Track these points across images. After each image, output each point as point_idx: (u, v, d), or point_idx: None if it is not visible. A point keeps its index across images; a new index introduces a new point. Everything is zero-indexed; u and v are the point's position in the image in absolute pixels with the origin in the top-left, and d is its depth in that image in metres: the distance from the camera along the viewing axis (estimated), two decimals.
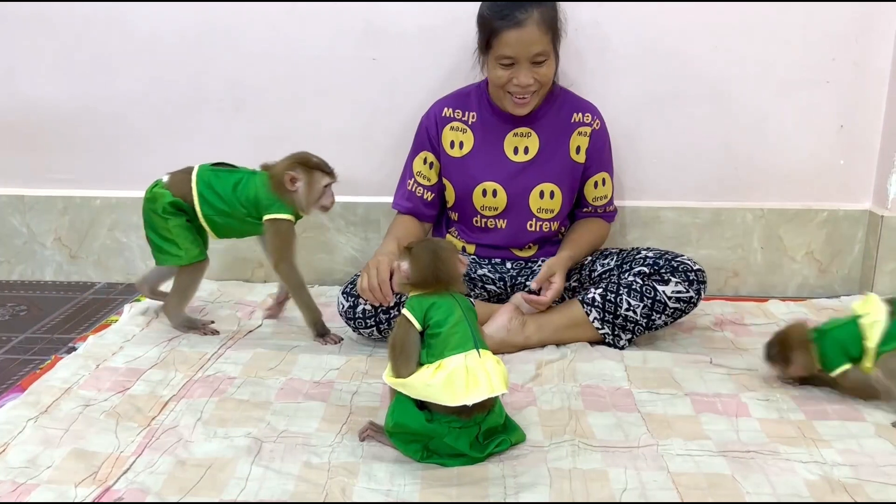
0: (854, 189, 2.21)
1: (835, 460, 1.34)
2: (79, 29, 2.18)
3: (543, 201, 1.92)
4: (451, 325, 1.31)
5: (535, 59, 1.75)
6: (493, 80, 1.81)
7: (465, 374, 1.27)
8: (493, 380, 1.28)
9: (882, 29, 2.09)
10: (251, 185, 1.81)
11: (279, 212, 1.80)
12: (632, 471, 1.30)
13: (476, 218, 1.95)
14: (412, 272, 1.37)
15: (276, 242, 1.81)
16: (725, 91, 2.14)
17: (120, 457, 1.33)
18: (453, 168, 1.94)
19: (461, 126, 1.93)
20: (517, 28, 1.72)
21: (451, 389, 1.27)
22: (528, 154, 1.91)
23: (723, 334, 1.91)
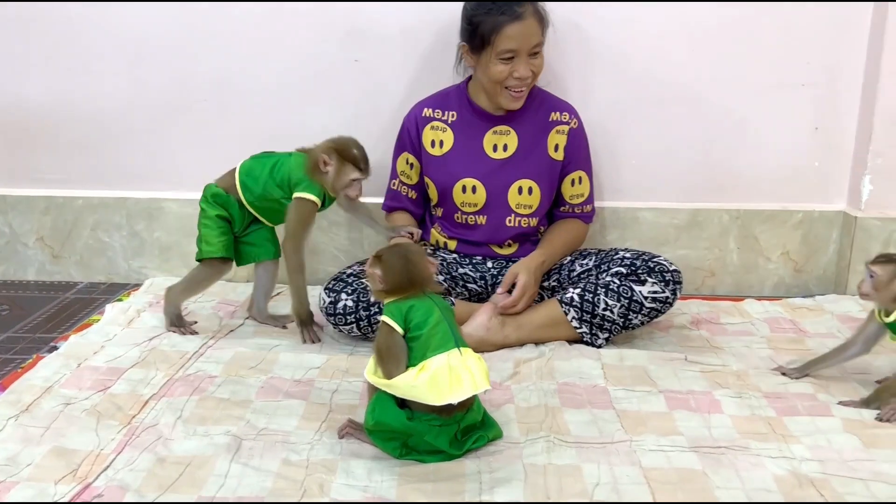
0: (828, 190, 2.25)
1: (803, 455, 1.37)
2: (63, 29, 2.19)
3: (522, 197, 1.95)
4: (431, 326, 1.33)
5: (533, 50, 1.83)
6: (493, 77, 1.85)
7: (449, 373, 1.29)
8: (476, 377, 1.31)
9: (855, 34, 2.12)
10: (286, 166, 1.81)
11: (306, 191, 1.78)
12: (605, 466, 1.33)
13: (457, 214, 1.98)
14: (385, 279, 1.38)
15: (293, 219, 1.79)
16: (703, 94, 2.17)
17: (100, 454, 1.35)
18: (434, 166, 1.97)
19: (441, 125, 1.97)
20: (519, 21, 1.80)
21: (436, 389, 1.29)
22: (507, 151, 1.94)
23: (699, 333, 1.94)
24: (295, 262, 1.81)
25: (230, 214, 1.86)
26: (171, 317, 1.90)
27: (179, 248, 2.31)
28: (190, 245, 2.27)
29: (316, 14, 2.15)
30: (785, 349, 1.83)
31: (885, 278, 1.52)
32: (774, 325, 1.99)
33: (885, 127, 2.12)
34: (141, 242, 2.32)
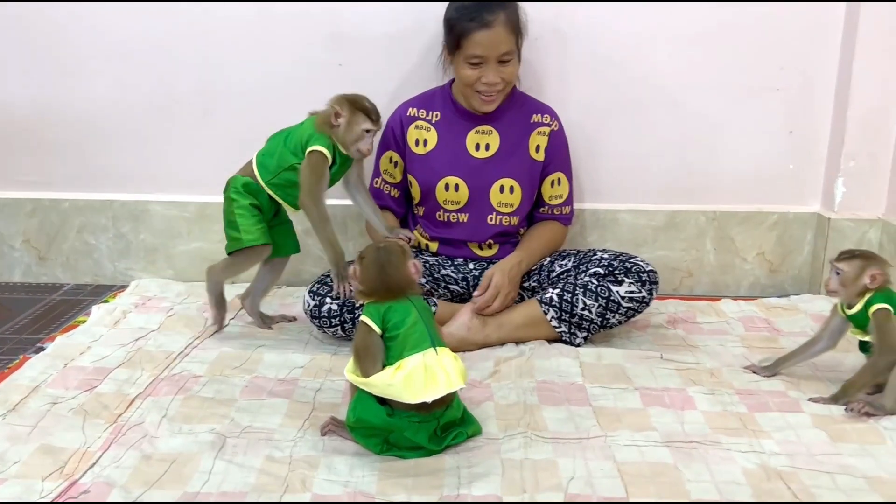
0: (803, 192, 2.30)
1: (773, 450, 1.41)
2: (48, 32, 2.21)
3: (503, 196, 1.98)
4: (408, 327, 1.37)
5: (501, 58, 1.86)
6: (462, 80, 1.90)
7: (424, 372, 1.33)
8: (451, 376, 1.34)
9: (828, 39, 2.18)
10: (297, 132, 1.81)
11: (315, 143, 1.75)
12: (580, 460, 1.37)
13: (439, 212, 2.01)
14: (362, 282, 1.42)
15: (305, 173, 1.76)
16: (680, 98, 2.22)
17: (87, 452, 1.37)
18: (417, 164, 2.01)
19: (425, 125, 2.01)
20: (486, 29, 1.83)
21: (411, 387, 1.32)
22: (490, 150, 1.98)
23: (675, 332, 1.98)
24: (318, 214, 1.75)
25: (260, 202, 1.84)
26: (215, 296, 1.92)
27: (165, 249, 2.33)
28: (175, 246, 2.32)
29: (300, 18, 2.18)
30: (758, 348, 1.88)
31: (851, 274, 1.58)
32: (749, 325, 2.03)
33: (858, 131, 2.17)
34: (127, 244, 2.34)
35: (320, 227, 1.76)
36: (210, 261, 2.30)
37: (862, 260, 1.58)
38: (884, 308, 1.55)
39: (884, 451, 1.42)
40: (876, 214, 2.23)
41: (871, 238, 2.21)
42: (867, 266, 1.57)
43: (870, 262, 1.58)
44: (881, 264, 1.59)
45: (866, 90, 2.15)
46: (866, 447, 1.43)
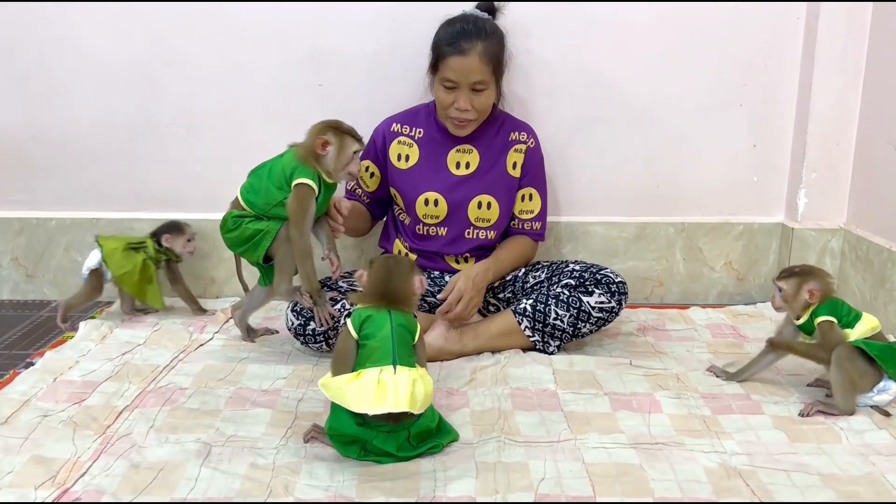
0: (767, 204, 2.39)
1: (734, 450, 1.49)
2: (34, 56, 2.27)
3: (481, 211, 2.05)
4: (377, 339, 1.44)
5: (474, 86, 1.92)
6: (437, 101, 1.99)
7: (376, 386, 1.39)
8: (399, 397, 1.38)
9: (789, 56, 2.28)
10: (279, 165, 1.80)
11: (301, 176, 1.75)
12: (550, 462, 1.43)
13: (419, 226, 2.07)
14: (366, 285, 1.52)
15: (293, 206, 1.76)
16: (648, 114, 2.31)
17: (77, 462, 1.43)
18: (399, 178, 2.07)
19: (408, 141, 2.07)
20: (460, 56, 1.89)
21: (360, 398, 1.39)
22: (469, 168, 2.05)
23: (644, 339, 2.06)
24: (302, 247, 1.77)
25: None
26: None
27: None
28: None
29: (280, 39, 2.25)
30: (724, 353, 1.96)
31: (790, 291, 1.69)
32: (716, 331, 2.11)
33: (818, 144, 2.27)
34: None
35: (302, 260, 1.78)
36: (196, 277, 2.38)
37: (799, 277, 1.69)
38: (827, 320, 1.65)
39: (839, 449, 1.49)
40: (838, 224, 2.32)
41: (834, 247, 2.30)
42: (804, 282, 1.68)
43: (807, 278, 1.69)
44: (819, 279, 1.69)
45: (826, 105, 2.24)
46: (822, 446, 1.50)
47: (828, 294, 1.68)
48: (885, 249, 2.09)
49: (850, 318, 1.66)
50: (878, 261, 2.11)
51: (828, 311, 1.65)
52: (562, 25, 2.24)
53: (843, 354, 1.61)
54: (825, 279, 1.70)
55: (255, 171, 1.86)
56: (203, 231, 2.36)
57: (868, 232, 2.20)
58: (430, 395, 1.45)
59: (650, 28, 2.24)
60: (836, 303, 1.68)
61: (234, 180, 2.31)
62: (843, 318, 1.66)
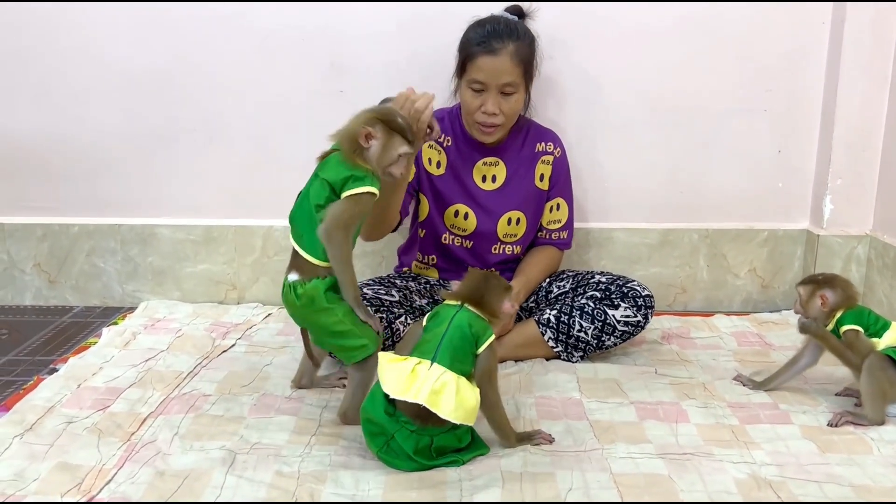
0: (792, 210, 2.37)
1: (763, 460, 1.47)
2: (57, 64, 2.28)
3: (510, 227, 2.03)
4: (432, 333, 1.44)
5: (503, 88, 1.87)
6: (464, 105, 1.93)
7: (409, 374, 1.39)
8: (422, 391, 1.36)
9: (813, 61, 2.25)
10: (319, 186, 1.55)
11: (362, 185, 1.50)
12: (577, 472, 1.42)
13: (445, 235, 2.04)
14: (834, 296, 1.63)
15: (346, 211, 1.51)
16: (671, 120, 2.29)
17: (102, 469, 1.42)
18: (429, 184, 2.02)
19: (437, 146, 2.01)
20: (491, 55, 1.84)
21: (391, 380, 1.40)
22: (496, 182, 2.01)
23: (669, 347, 2.04)
24: (346, 253, 1.54)
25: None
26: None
27: (172, 272, 2.39)
28: (182, 269, 2.38)
29: (301, 47, 2.25)
30: (750, 361, 1.94)
31: (804, 297, 1.69)
32: (741, 339, 2.09)
33: (844, 150, 2.24)
34: (135, 267, 2.40)
35: (344, 267, 1.54)
36: (216, 282, 2.38)
37: (815, 284, 1.69)
38: (852, 329, 1.63)
39: (871, 460, 1.47)
40: (864, 231, 2.29)
41: (860, 254, 2.27)
42: (818, 288, 1.67)
43: (822, 286, 1.67)
44: (834, 287, 1.67)
45: (851, 110, 2.21)
46: (853, 457, 1.48)
47: (849, 303, 1.66)
48: None
49: (878, 328, 1.63)
50: None
51: (853, 320, 1.63)
52: (586, 31, 2.22)
53: (875, 363, 1.59)
54: (842, 288, 1.67)
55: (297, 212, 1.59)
56: (223, 238, 2.36)
57: (895, 239, 2.17)
58: (466, 407, 1.39)
59: (674, 33, 2.23)
60: (863, 312, 1.66)
61: (256, 188, 2.35)
62: (871, 328, 1.63)
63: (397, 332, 1.87)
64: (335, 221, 1.51)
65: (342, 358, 1.61)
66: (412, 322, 1.90)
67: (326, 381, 1.80)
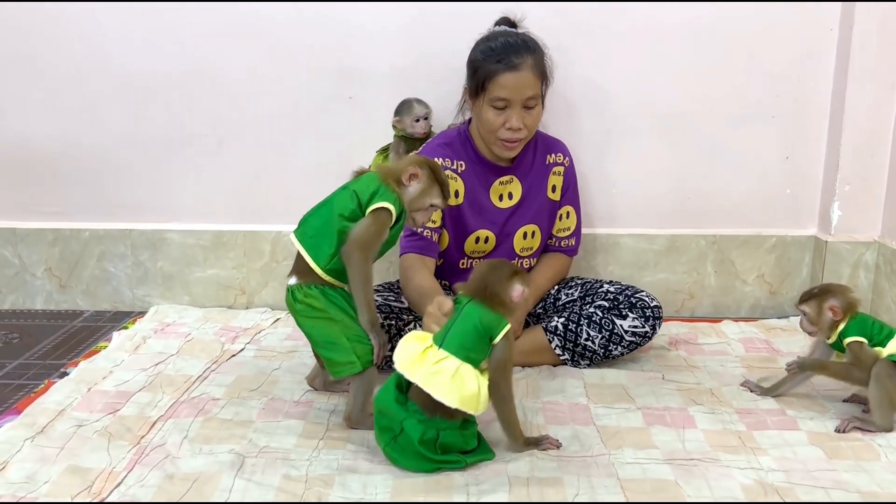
0: (800, 216, 2.36)
1: (770, 466, 1.47)
2: (67, 70, 2.30)
3: (526, 241, 2.03)
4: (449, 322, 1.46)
5: (526, 102, 1.85)
6: (486, 124, 1.88)
7: (419, 354, 1.43)
8: (418, 370, 1.40)
9: (821, 68, 2.25)
10: (345, 196, 1.57)
11: (382, 199, 1.54)
12: (584, 478, 1.42)
13: (463, 261, 2.04)
14: (842, 303, 1.62)
15: (366, 229, 1.54)
16: (679, 126, 2.29)
17: (112, 472, 1.44)
18: (450, 216, 1.97)
19: (453, 175, 1.95)
20: (513, 71, 1.82)
21: (401, 354, 1.45)
22: (513, 200, 2.01)
23: (677, 353, 2.04)
24: (365, 272, 1.56)
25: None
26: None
27: (182, 276, 2.41)
28: (191, 273, 2.39)
29: (310, 53, 2.27)
30: (758, 367, 1.94)
31: (813, 313, 1.68)
32: (749, 345, 2.09)
33: (852, 156, 2.24)
34: (145, 272, 2.41)
35: (363, 286, 1.56)
36: (226, 287, 2.40)
37: (819, 298, 1.67)
38: (856, 341, 1.63)
39: (878, 466, 1.47)
40: (872, 237, 2.28)
41: (868, 260, 2.27)
42: (824, 301, 1.66)
43: (826, 297, 1.66)
44: (839, 295, 1.66)
45: (859, 116, 2.21)
46: (861, 463, 1.48)
47: (852, 309, 1.65)
48: None
49: (883, 336, 1.63)
50: None
51: (856, 331, 1.63)
52: (592, 37, 2.23)
53: (883, 371, 1.59)
54: (845, 294, 1.67)
55: (311, 219, 1.61)
56: (233, 243, 2.38)
57: None
58: (463, 393, 1.39)
59: (681, 39, 2.23)
60: (866, 321, 1.65)
61: (265, 193, 2.36)
62: (875, 337, 1.63)
63: None
64: (355, 242, 1.54)
65: (329, 371, 1.62)
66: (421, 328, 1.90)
67: (338, 385, 1.80)
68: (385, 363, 1.69)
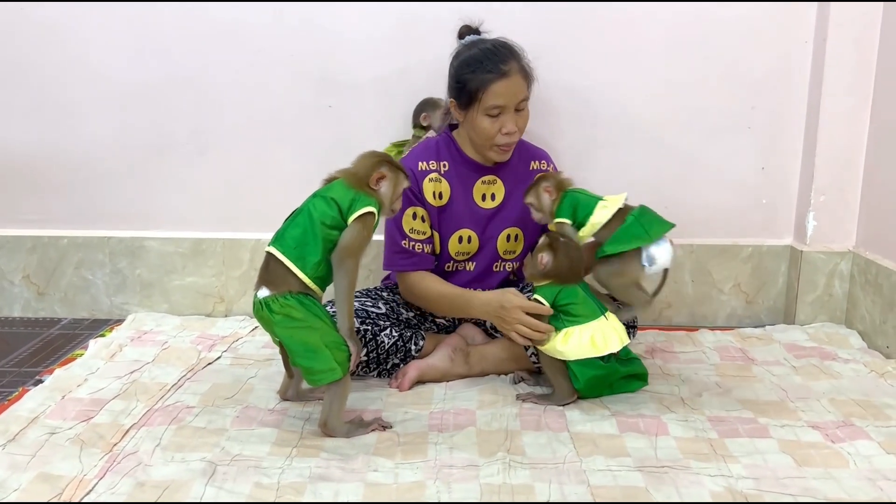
0: (776, 226, 2.39)
1: (740, 474, 1.48)
2: (49, 78, 2.30)
3: (509, 244, 2.04)
4: (579, 303, 1.73)
5: (518, 105, 1.90)
6: (481, 133, 1.90)
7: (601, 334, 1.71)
8: (620, 333, 1.74)
9: (797, 80, 2.28)
10: (323, 205, 1.61)
11: (366, 205, 1.60)
12: (555, 485, 1.43)
13: (449, 263, 2.04)
14: (552, 266, 1.73)
15: (356, 237, 1.59)
16: (657, 137, 2.32)
17: (83, 479, 1.43)
18: (435, 218, 1.98)
19: (437, 177, 1.97)
20: (505, 79, 1.85)
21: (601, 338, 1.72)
22: (496, 200, 2.02)
23: (653, 361, 2.05)
24: (354, 280, 1.62)
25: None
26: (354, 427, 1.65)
27: (161, 284, 2.41)
28: (170, 281, 2.39)
29: (291, 62, 2.28)
30: (731, 376, 1.95)
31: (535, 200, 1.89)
32: (724, 354, 2.10)
33: (827, 167, 2.26)
34: (123, 279, 2.41)
35: (350, 291, 1.61)
36: (204, 295, 2.39)
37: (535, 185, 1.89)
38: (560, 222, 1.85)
39: (846, 474, 1.48)
40: (847, 247, 2.31)
41: (843, 270, 2.29)
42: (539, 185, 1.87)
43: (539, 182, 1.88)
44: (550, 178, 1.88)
45: (834, 128, 2.24)
46: (830, 471, 1.49)
47: (562, 187, 1.83)
48: (895, 273, 2.08)
49: (582, 217, 1.80)
50: (888, 284, 2.10)
51: (564, 213, 1.82)
52: (571, 50, 2.25)
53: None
54: (556, 176, 1.88)
55: (291, 227, 1.63)
56: (212, 251, 2.38)
57: (877, 255, 2.19)
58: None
59: (659, 52, 2.26)
60: (575, 198, 1.83)
61: (245, 201, 2.36)
62: (578, 218, 1.81)
63: (381, 345, 1.89)
64: (346, 250, 1.59)
65: (307, 380, 1.61)
66: (397, 334, 1.91)
67: (311, 394, 1.80)
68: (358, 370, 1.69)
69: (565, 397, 1.76)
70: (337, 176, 1.66)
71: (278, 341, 1.67)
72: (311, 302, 1.60)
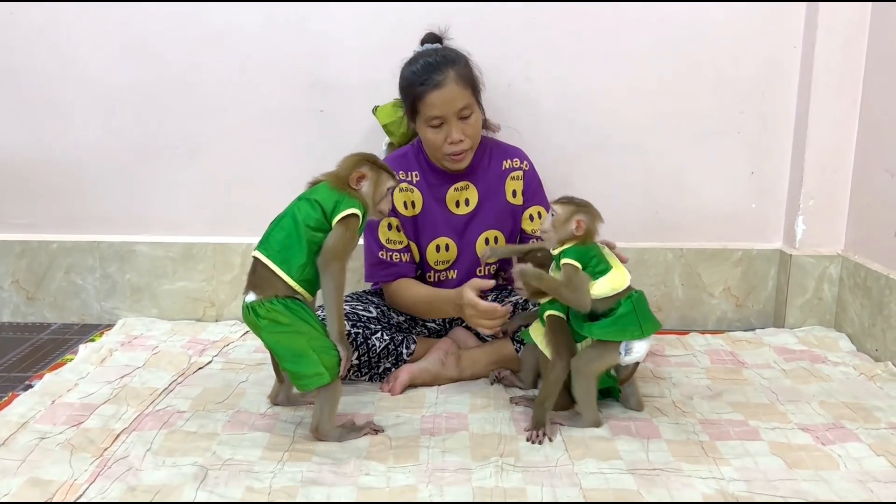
0: (765, 230, 2.40)
1: (731, 476, 1.48)
2: (39, 82, 2.30)
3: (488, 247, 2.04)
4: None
5: (460, 113, 1.88)
6: (429, 144, 1.93)
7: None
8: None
9: (786, 85, 2.30)
10: (307, 206, 1.61)
11: (349, 206, 1.59)
12: (548, 488, 1.43)
13: (430, 273, 2.05)
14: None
15: (341, 239, 1.58)
16: (646, 142, 2.33)
17: (74, 484, 1.42)
18: (409, 227, 2.00)
19: (408, 186, 1.99)
20: (437, 89, 1.85)
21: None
22: (469, 206, 2.02)
23: (644, 364, 2.04)
24: (342, 282, 1.60)
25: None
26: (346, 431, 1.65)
27: (150, 289, 2.40)
28: (160, 286, 2.38)
29: (282, 66, 2.28)
30: (722, 379, 1.96)
31: (562, 217, 1.68)
32: (714, 357, 2.11)
33: (816, 171, 2.28)
34: (113, 284, 2.40)
35: (337, 295, 1.60)
36: (195, 299, 2.39)
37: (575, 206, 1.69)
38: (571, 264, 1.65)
39: (837, 476, 1.49)
40: (836, 250, 2.32)
41: (832, 273, 2.30)
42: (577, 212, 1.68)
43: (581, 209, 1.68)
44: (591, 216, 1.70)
45: (823, 132, 2.26)
46: (820, 473, 1.50)
47: (589, 236, 1.68)
48: (883, 276, 2.09)
49: (598, 270, 1.67)
50: (876, 287, 2.12)
51: (576, 256, 1.65)
52: (561, 54, 2.26)
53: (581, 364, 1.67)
54: (595, 220, 1.70)
55: (276, 231, 1.62)
56: (202, 255, 2.37)
57: (866, 259, 2.21)
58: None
59: (649, 56, 2.27)
60: (589, 251, 1.68)
61: (235, 205, 2.36)
62: (592, 268, 1.67)
63: (373, 349, 1.89)
64: (330, 253, 1.58)
65: (295, 385, 1.61)
66: (388, 338, 1.91)
67: (302, 399, 1.80)
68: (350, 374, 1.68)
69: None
70: (322, 178, 1.66)
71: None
72: (299, 306, 1.60)
